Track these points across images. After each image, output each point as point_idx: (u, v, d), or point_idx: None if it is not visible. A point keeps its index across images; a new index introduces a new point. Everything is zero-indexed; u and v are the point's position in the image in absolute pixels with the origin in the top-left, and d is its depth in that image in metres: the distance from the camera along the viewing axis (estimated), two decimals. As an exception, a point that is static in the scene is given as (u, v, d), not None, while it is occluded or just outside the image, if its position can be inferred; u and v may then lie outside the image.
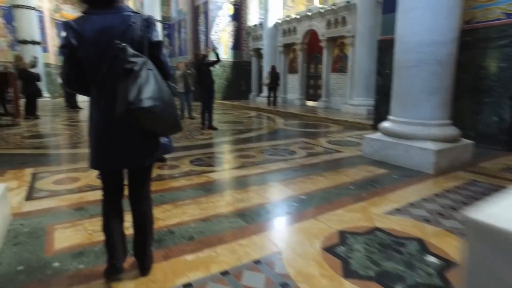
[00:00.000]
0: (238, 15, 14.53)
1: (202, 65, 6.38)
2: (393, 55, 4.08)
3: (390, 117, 4.11)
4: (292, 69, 12.89)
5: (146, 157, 1.50)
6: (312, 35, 11.66)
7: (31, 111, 8.03)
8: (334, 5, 10.00)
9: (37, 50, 12.05)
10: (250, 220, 2.29)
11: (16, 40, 12.04)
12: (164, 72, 1.49)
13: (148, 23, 1.43)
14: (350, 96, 9.82)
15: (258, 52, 14.48)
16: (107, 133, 1.43)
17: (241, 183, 3.17)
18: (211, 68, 6.54)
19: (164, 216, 2.32)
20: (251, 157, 4.21)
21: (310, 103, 12.30)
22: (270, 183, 3.20)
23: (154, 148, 1.52)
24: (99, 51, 1.37)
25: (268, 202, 2.67)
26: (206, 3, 14.05)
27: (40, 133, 6.21)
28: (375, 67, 6.45)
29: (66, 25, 1.40)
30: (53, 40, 16.59)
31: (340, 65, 10.62)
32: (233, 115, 9.48)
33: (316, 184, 3.12)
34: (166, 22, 18.87)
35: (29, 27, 11.89)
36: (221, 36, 14.30)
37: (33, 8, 12.17)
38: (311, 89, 12.23)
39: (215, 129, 6.45)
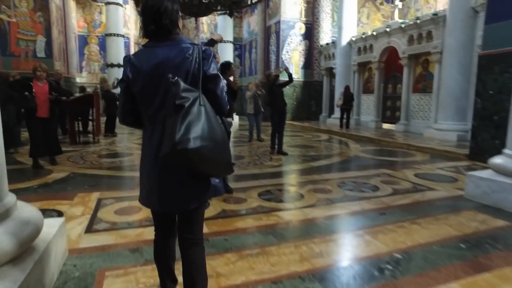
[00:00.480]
0: (310, 34, 14.28)
1: (273, 86, 6.15)
2: (503, 73, 3.30)
3: (507, 151, 3.30)
4: (366, 89, 12.08)
5: (192, 199, 1.37)
6: (390, 52, 10.81)
7: (110, 129, 8.69)
8: (417, 19, 9.11)
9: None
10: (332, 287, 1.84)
11: (105, 64, 13.48)
12: (219, 107, 1.39)
13: (205, 54, 1.35)
14: (435, 120, 8.72)
15: (330, 72, 13.97)
16: (154, 171, 1.37)
17: (318, 228, 2.73)
18: (283, 89, 6.29)
19: (226, 271, 1.99)
20: (327, 192, 3.74)
21: (386, 126, 11.31)
22: (354, 230, 2.70)
23: (202, 190, 1.39)
24: (152, 84, 1.33)
25: (354, 260, 2.18)
26: (278, 23, 14.12)
27: (115, 152, 6.54)
28: (470, 86, 5.52)
29: (125, 59, 1.39)
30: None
31: (423, 84, 9.57)
32: (303, 138, 9.07)
33: (411, 236, 2.53)
34: (238, 43, 19.55)
35: (116, 52, 13.20)
36: (292, 56, 14.16)
37: (122, 36, 13.51)
38: (388, 110, 11.23)
39: (285, 154, 6.10)
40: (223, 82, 1.44)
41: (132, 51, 17.91)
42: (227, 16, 15.69)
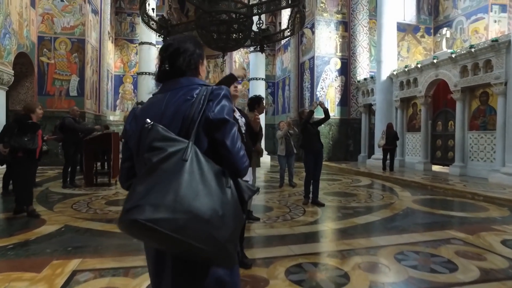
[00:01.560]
0: (346, 69, 13.53)
1: (308, 125, 5.28)
2: None
3: None
4: (411, 127, 10.86)
5: None
6: (439, 86, 9.70)
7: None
8: (471, 47, 8.03)
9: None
10: None
11: (137, 102, 13.51)
12: (231, 164, 1.05)
13: (213, 95, 1.06)
14: (503, 162, 7.31)
15: (368, 108, 12.95)
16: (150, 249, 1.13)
17: None
18: (319, 128, 5.40)
19: None
20: (383, 270, 2.67)
21: (437, 168, 9.94)
22: None
23: (190, 281, 1.03)
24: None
25: None
26: (312, 59, 13.57)
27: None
28: None
29: (131, 112, 1.20)
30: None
31: (482, 120, 8.27)
32: (342, 182, 7.93)
33: None
34: (270, 81, 19.26)
35: (147, 90, 13.15)
36: (328, 92, 13.39)
37: (153, 74, 13.58)
38: (438, 151, 9.86)
39: (321, 205, 5.06)
40: (239, 127, 1.18)
41: (165, 90, 18.10)
42: (259, 52, 15.63)
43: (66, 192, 6.20)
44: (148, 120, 1.00)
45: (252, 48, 10.71)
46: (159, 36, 8.06)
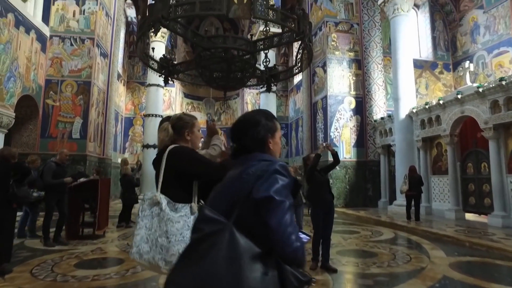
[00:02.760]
0: (362, 108, 12.79)
1: (315, 172, 4.42)
2: None
3: None
4: (437, 169, 9.75)
5: None
6: (466, 123, 8.75)
7: (125, 219, 7.36)
8: (502, 79, 7.17)
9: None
10: None
11: (143, 144, 13.13)
12: (277, 249, 0.97)
13: (261, 171, 1.04)
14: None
15: (387, 149, 11.96)
16: None
17: None
18: (329, 175, 4.52)
19: None
20: None
21: (471, 217, 8.66)
22: None
23: None
24: None
25: None
26: (324, 98, 12.96)
27: (105, 257, 5.01)
28: None
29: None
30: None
31: (522, 162, 7.17)
32: (360, 236, 6.80)
33: None
34: (283, 122, 18.71)
35: (154, 132, 12.78)
36: (342, 133, 12.56)
37: (161, 116, 13.30)
38: (472, 196, 8.64)
39: (333, 271, 4.03)
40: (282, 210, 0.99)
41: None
42: (271, 93, 15.28)
43: (42, 248, 5.41)
44: (202, 202, 1.39)
45: (263, 88, 10.27)
46: (159, 76, 7.67)
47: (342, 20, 13.22)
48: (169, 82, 7.91)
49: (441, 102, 9.03)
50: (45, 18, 10.94)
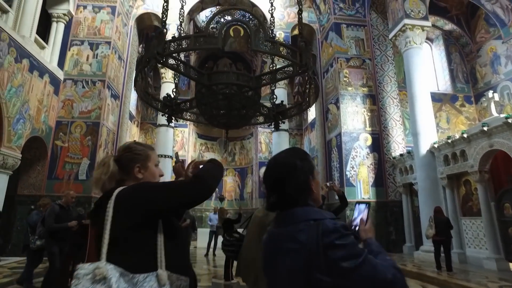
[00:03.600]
0: (379, 145, 12.07)
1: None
2: None
3: None
4: (468, 210, 8.73)
5: None
6: (497, 158, 7.89)
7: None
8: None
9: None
10: None
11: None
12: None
13: (326, 241, 0.91)
14: None
15: (409, 188, 11.01)
16: None
17: None
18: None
19: None
20: None
21: (515, 266, 7.46)
22: None
23: None
24: None
25: None
26: (339, 136, 12.38)
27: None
28: None
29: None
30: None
31: None
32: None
33: None
34: (299, 161, 18.09)
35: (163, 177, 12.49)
36: (359, 172, 11.77)
37: (170, 157, 13.05)
38: (513, 241, 7.52)
39: None
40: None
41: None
42: (282, 131, 14.87)
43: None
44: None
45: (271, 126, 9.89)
46: (162, 115, 7.44)
47: (353, 55, 13.01)
48: (173, 121, 7.66)
49: (465, 135, 8.27)
50: (61, 63, 11.31)
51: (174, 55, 6.09)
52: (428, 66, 13.18)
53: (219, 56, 21.59)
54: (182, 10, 8.53)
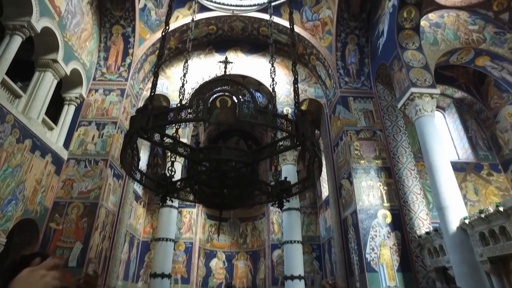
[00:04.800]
0: (400, 222, 10.76)
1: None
2: None
3: None
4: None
5: None
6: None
7: None
8: None
9: (165, 284, 10.92)
10: None
11: (150, 273, 11.58)
12: None
13: None
14: None
15: (443, 273, 9.36)
16: None
17: None
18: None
19: None
20: None
21: None
22: None
23: None
24: None
25: None
26: (354, 213, 11.22)
27: None
28: None
29: None
30: (200, 271, 16.24)
31: None
32: None
33: None
34: (315, 243, 16.59)
35: (163, 259, 11.41)
36: (381, 254, 10.29)
37: (171, 240, 12.08)
38: None
39: None
40: None
41: (195, 258, 16.16)
42: (294, 210, 13.82)
43: None
44: None
45: (285, 206, 9.02)
46: (156, 195, 6.87)
47: (363, 127, 12.57)
48: (176, 201, 7.04)
49: (501, 208, 7.09)
50: (67, 143, 11.37)
51: (162, 129, 5.71)
52: (444, 134, 12.53)
53: (229, 135, 21.87)
54: (183, 88, 8.43)
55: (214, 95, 5.26)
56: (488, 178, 12.13)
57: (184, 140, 13.56)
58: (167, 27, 6.69)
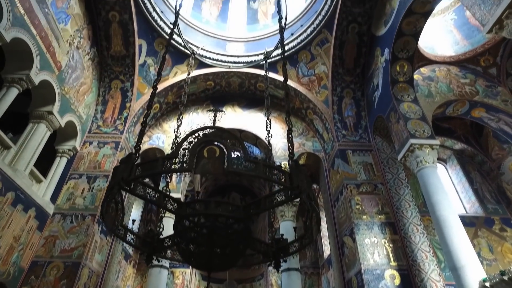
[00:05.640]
0: (411, 284, 9.77)
1: None
2: None
3: None
4: None
5: None
6: None
7: None
8: None
9: None
10: None
11: None
12: None
13: None
14: None
15: None
16: None
17: None
18: None
19: None
20: None
21: None
22: None
23: None
24: None
25: None
26: (359, 274, 10.28)
27: None
28: None
29: None
30: None
31: None
32: None
33: None
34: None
35: None
36: (392, 321, 9.21)
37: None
38: None
39: None
40: None
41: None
42: (293, 271, 12.79)
43: None
44: None
45: (283, 266, 8.25)
46: (141, 253, 6.26)
47: (363, 181, 12.14)
48: (155, 261, 6.47)
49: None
50: (54, 196, 10.86)
51: (156, 179, 5.32)
52: (448, 186, 12.04)
53: (227, 190, 21.35)
54: (176, 140, 8.12)
55: (202, 144, 4.99)
56: (502, 234, 11.38)
57: (177, 195, 13.03)
58: (159, 77, 6.68)
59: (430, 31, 12.53)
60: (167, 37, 13.17)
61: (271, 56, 14.08)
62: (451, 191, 12.45)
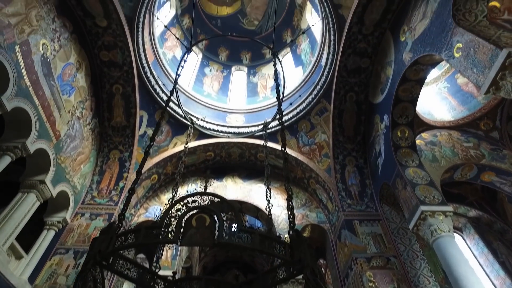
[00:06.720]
0: None
1: None
2: None
3: None
4: None
5: None
6: None
7: None
8: None
9: None
10: None
11: None
12: None
13: None
14: None
15: None
16: None
17: None
18: None
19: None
20: None
21: None
22: None
23: None
24: None
25: None
26: None
27: None
28: None
29: None
30: None
31: None
32: None
33: None
34: None
35: None
36: None
37: None
38: None
39: None
40: None
41: None
42: None
43: None
44: None
45: None
46: None
47: (374, 254, 11.09)
48: None
49: None
50: (35, 274, 9.86)
51: (150, 252, 4.73)
52: (470, 259, 10.91)
53: (227, 267, 19.93)
54: (160, 214, 7.56)
55: (190, 212, 4.49)
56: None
57: (167, 272, 11.88)
58: (152, 143, 6.45)
59: (426, 98, 12.77)
60: (168, 108, 13.47)
61: (270, 126, 14.21)
62: (474, 265, 11.27)
